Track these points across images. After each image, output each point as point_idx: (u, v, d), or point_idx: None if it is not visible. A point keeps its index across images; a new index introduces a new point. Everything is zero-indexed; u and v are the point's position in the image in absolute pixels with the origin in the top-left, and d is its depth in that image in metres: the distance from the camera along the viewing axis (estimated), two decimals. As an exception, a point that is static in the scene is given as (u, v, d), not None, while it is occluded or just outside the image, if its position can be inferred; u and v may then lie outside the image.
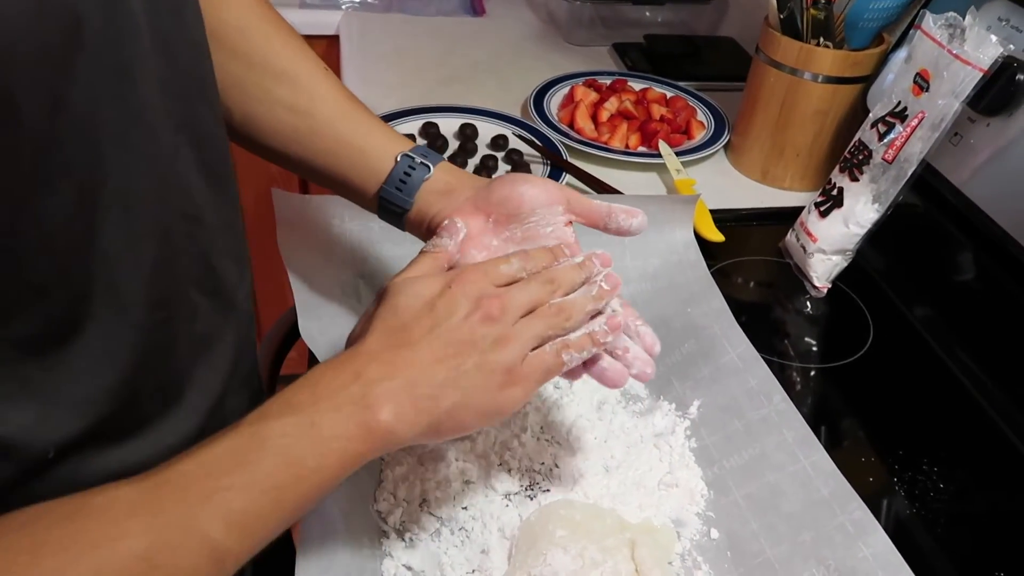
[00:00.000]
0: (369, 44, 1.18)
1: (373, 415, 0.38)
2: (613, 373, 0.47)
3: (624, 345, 0.48)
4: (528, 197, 0.49)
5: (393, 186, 0.52)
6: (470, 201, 0.51)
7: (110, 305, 0.36)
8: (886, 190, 0.70)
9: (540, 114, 0.96)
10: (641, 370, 0.48)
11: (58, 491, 0.39)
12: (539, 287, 0.45)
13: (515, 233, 0.50)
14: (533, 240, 0.50)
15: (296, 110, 0.52)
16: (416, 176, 0.52)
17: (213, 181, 0.46)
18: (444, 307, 0.42)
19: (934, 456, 0.59)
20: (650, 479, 0.55)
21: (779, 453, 0.54)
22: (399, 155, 0.52)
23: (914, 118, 0.67)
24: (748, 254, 0.81)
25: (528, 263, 0.46)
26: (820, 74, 0.83)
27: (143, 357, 0.39)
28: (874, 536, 0.47)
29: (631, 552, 0.49)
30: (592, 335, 0.45)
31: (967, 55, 0.62)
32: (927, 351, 0.70)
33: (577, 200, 0.51)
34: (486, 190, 0.51)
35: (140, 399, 0.41)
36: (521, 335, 0.43)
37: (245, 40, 0.52)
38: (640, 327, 0.49)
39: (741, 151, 0.94)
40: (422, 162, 0.52)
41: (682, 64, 1.16)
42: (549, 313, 0.44)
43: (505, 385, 0.42)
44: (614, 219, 0.50)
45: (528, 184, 0.50)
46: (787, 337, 0.72)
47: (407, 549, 0.50)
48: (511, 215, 0.50)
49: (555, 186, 0.51)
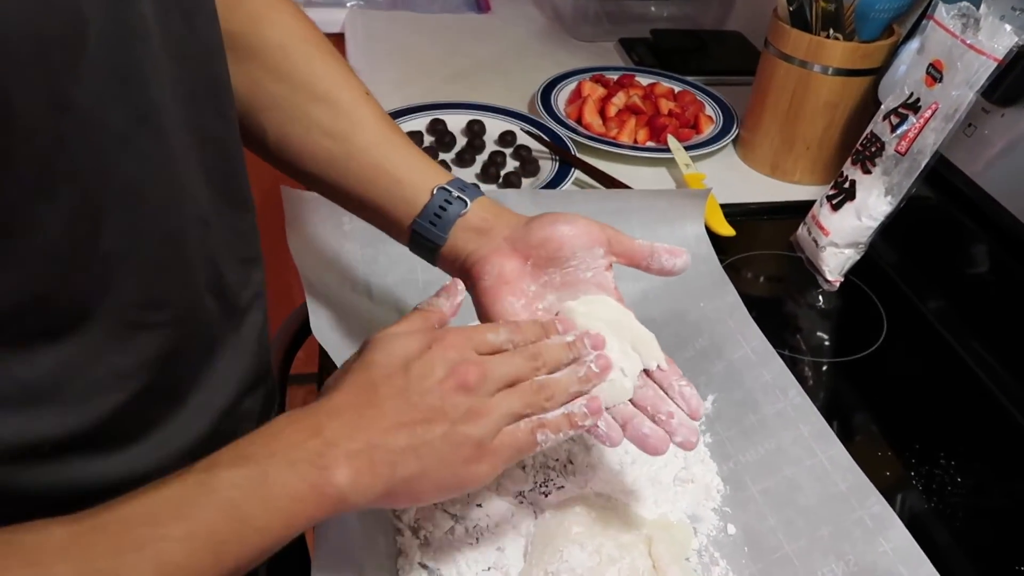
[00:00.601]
0: (374, 41, 1.17)
1: (327, 477, 0.36)
2: (656, 441, 0.45)
3: (668, 411, 0.46)
4: (568, 238, 0.48)
5: (427, 220, 0.50)
6: (508, 241, 0.49)
7: (111, 305, 0.36)
8: (899, 182, 0.69)
9: (548, 110, 0.96)
10: (686, 439, 0.45)
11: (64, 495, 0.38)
12: (523, 361, 0.42)
13: (554, 278, 0.49)
14: (572, 286, 0.49)
15: (334, 135, 0.51)
16: (452, 211, 0.50)
17: (223, 185, 0.45)
18: (419, 369, 0.40)
19: (951, 450, 0.59)
20: (665, 475, 0.55)
21: (795, 447, 0.53)
22: (436, 188, 0.50)
23: (927, 109, 0.66)
24: (759, 248, 0.81)
25: (516, 335, 0.44)
26: (830, 66, 0.82)
27: (145, 358, 0.39)
28: (894, 530, 0.47)
29: (648, 548, 0.48)
30: (570, 416, 0.43)
31: (981, 45, 0.62)
32: (942, 344, 0.69)
33: (618, 241, 0.49)
34: (524, 229, 0.49)
35: (144, 401, 0.40)
36: (496, 409, 0.40)
37: (287, 59, 0.50)
38: (684, 388, 0.47)
39: (750, 145, 0.93)
40: (459, 196, 0.50)
41: (689, 58, 1.15)
42: (529, 390, 0.42)
43: (471, 460, 0.40)
44: (657, 259, 0.49)
45: (569, 225, 0.48)
46: (799, 332, 0.72)
47: (422, 547, 0.50)
48: (551, 258, 0.48)
49: (596, 226, 0.49)
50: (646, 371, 0.47)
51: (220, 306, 0.46)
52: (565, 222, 0.48)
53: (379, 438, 0.38)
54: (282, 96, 0.49)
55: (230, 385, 0.49)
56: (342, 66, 0.53)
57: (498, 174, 0.85)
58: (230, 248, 0.47)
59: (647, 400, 0.46)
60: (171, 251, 0.40)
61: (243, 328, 0.50)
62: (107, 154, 0.33)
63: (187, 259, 0.41)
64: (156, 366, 0.40)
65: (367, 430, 0.38)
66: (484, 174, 0.85)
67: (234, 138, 0.46)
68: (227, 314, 0.47)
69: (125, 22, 0.33)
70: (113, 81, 0.33)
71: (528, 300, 0.48)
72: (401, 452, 0.38)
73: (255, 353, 0.52)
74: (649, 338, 0.48)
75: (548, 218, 0.49)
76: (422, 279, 0.66)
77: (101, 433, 0.38)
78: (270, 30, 0.49)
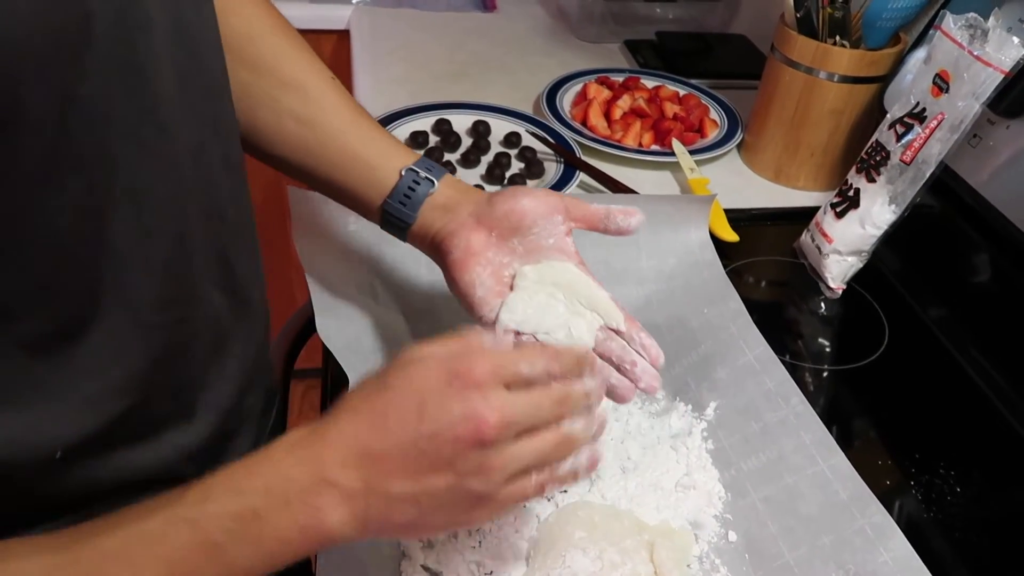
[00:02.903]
0: (380, 39, 1.17)
1: (320, 519, 0.35)
2: (623, 389, 0.49)
3: (632, 360, 0.49)
4: (529, 209, 0.50)
5: (397, 200, 0.52)
6: (473, 216, 0.51)
7: (119, 304, 0.36)
8: (903, 191, 0.69)
9: (553, 111, 0.96)
10: (649, 384, 0.49)
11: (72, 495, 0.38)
12: (550, 409, 0.39)
13: (517, 247, 0.51)
14: (536, 253, 0.51)
15: (303, 120, 0.53)
16: (420, 191, 0.52)
17: (236, 177, 0.45)
18: (434, 409, 0.36)
19: (951, 459, 0.59)
20: (667, 481, 0.55)
21: (797, 456, 0.53)
22: (404, 169, 0.52)
23: (933, 119, 0.66)
24: (762, 254, 0.81)
25: (554, 366, 0.40)
26: (836, 73, 0.82)
27: (154, 356, 0.39)
28: (894, 540, 0.47)
29: (650, 554, 0.49)
30: (576, 473, 0.41)
31: (988, 56, 0.62)
32: (943, 353, 0.70)
33: (575, 206, 0.51)
34: (488, 205, 0.51)
35: (152, 400, 0.40)
36: (509, 465, 0.37)
37: (254, 47, 0.52)
38: (644, 339, 0.50)
39: (755, 150, 0.93)
40: (426, 177, 0.52)
41: (694, 61, 1.15)
42: (550, 445, 0.39)
43: (472, 508, 0.38)
44: (613, 220, 0.51)
45: (528, 197, 0.50)
46: (801, 338, 0.72)
47: (424, 550, 0.50)
48: (514, 228, 0.50)
49: (554, 196, 0.51)
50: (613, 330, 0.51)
51: (230, 302, 0.46)
52: (525, 195, 0.51)
53: (379, 482, 0.36)
54: (250, 83, 0.50)
55: (235, 383, 0.49)
56: (309, 54, 0.55)
57: (503, 176, 0.85)
58: (240, 242, 0.47)
59: (612, 352, 0.50)
60: (180, 249, 0.39)
61: (252, 324, 0.50)
62: (113, 148, 0.33)
63: (197, 256, 0.41)
64: (167, 365, 0.40)
65: (369, 470, 0.36)
66: (489, 175, 0.85)
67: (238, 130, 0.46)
68: (237, 310, 0.47)
69: (129, 16, 0.33)
70: (118, 75, 0.33)
71: (494, 269, 0.51)
72: (400, 500, 0.36)
73: (261, 350, 0.53)
74: (606, 299, 0.51)
75: (509, 192, 0.51)
76: (427, 280, 0.66)
77: (112, 433, 0.38)
78: (236, 19, 0.49)
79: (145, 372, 0.39)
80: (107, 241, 0.34)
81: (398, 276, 0.66)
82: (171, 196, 0.38)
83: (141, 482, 0.41)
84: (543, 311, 0.50)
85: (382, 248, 0.66)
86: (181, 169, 0.39)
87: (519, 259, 0.51)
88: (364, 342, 0.60)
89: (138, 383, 0.39)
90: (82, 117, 0.31)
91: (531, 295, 0.50)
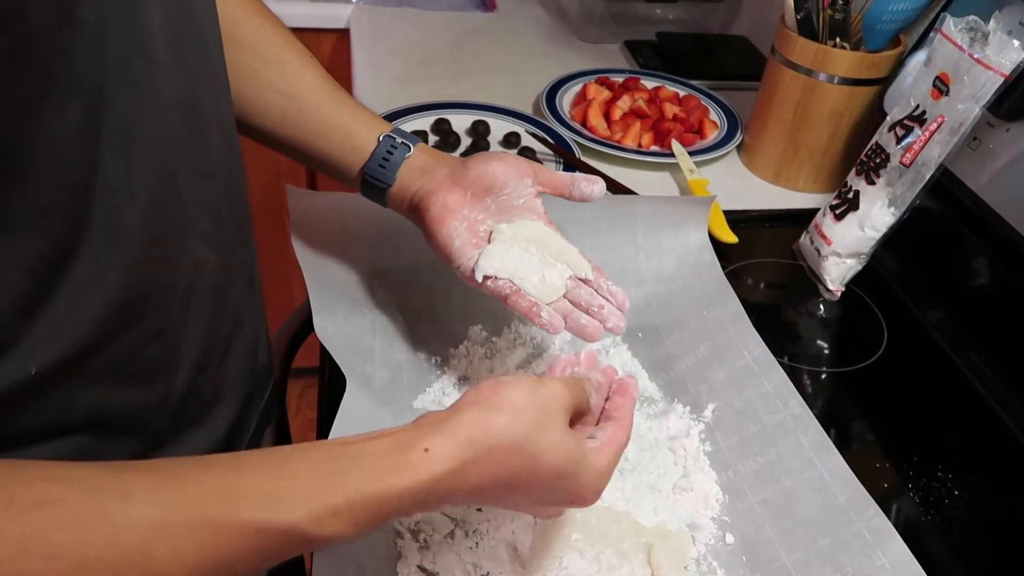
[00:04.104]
0: (380, 38, 1.17)
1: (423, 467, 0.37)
2: (592, 329, 0.54)
3: (600, 304, 0.55)
4: (500, 172, 0.55)
5: (376, 163, 0.56)
6: (448, 177, 0.55)
7: (106, 232, 0.37)
8: (903, 194, 0.69)
9: (553, 111, 0.96)
10: (615, 324, 0.54)
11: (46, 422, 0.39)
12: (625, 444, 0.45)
13: (490, 206, 0.55)
14: (507, 212, 0.56)
15: (284, 93, 0.56)
16: (398, 155, 0.56)
17: (228, 141, 0.47)
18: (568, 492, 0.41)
19: (949, 462, 0.59)
20: (665, 482, 0.55)
21: (795, 458, 0.53)
22: (381, 135, 0.56)
23: (933, 122, 0.66)
24: (761, 256, 0.81)
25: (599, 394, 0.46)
26: (836, 75, 0.82)
27: (134, 291, 0.40)
28: (892, 544, 0.47)
29: (647, 556, 0.49)
30: None
31: (989, 59, 0.62)
32: (942, 356, 0.70)
33: (543, 172, 0.56)
34: (462, 167, 0.55)
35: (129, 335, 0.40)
36: None
37: (237, 28, 0.55)
38: (611, 287, 0.56)
39: (754, 151, 0.93)
40: (403, 142, 0.56)
41: (694, 62, 1.15)
42: None
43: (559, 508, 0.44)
44: (577, 187, 0.56)
45: (499, 161, 0.55)
46: (799, 340, 0.72)
47: (421, 550, 0.50)
48: (487, 188, 0.55)
49: (523, 161, 0.56)
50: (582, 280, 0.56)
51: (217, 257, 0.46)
52: (496, 159, 0.55)
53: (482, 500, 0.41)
54: (235, 60, 0.52)
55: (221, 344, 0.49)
56: (287, 35, 0.58)
57: (502, 175, 0.85)
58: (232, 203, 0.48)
59: (581, 298, 0.55)
60: (167, 190, 0.41)
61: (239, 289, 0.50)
62: (107, 77, 0.35)
63: (184, 203, 0.42)
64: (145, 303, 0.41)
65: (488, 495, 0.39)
66: (488, 175, 0.85)
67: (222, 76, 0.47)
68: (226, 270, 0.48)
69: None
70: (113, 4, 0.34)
71: (470, 224, 0.55)
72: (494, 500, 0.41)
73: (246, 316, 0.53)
74: (574, 252, 0.56)
75: (481, 156, 0.56)
76: (425, 280, 0.66)
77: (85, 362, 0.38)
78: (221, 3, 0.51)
79: (124, 305, 0.39)
80: (99, 170, 0.35)
81: (396, 276, 0.66)
82: (159, 140, 0.39)
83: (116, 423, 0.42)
84: (518, 261, 0.54)
85: (381, 247, 0.66)
86: (170, 118, 0.40)
87: (492, 217, 0.55)
88: (362, 342, 0.60)
89: (116, 314, 0.39)
90: (80, 37, 0.33)
91: (507, 247, 0.54)
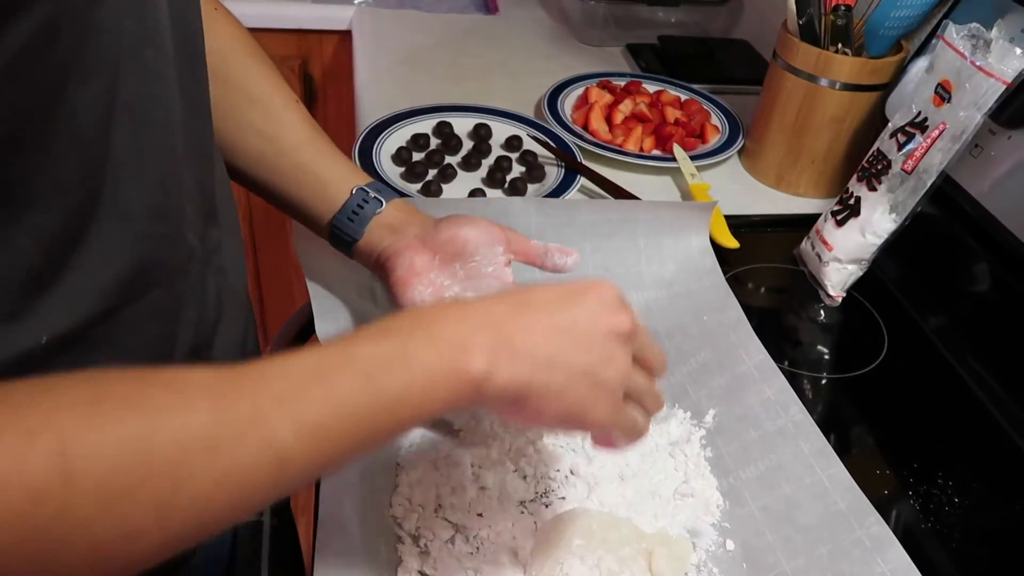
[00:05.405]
0: (381, 40, 1.17)
1: (466, 362, 0.36)
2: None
3: None
4: (472, 238, 0.54)
5: (346, 216, 0.55)
6: (418, 238, 0.54)
7: (116, 208, 0.38)
8: (904, 200, 0.69)
9: (554, 115, 0.96)
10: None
11: None
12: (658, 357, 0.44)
13: (458, 271, 0.54)
14: (475, 279, 0.54)
15: (264, 135, 0.56)
16: (368, 209, 0.55)
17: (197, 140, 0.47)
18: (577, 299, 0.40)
19: (949, 469, 0.59)
20: (665, 488, 0.55)
21: (796, 465, 0.53)
22: (355, 188, 0.56)
23: (935, 129, 0.66)
24: (762, 261, 0.81)
25: None
26: (838, 81, 0.82)
27: (139, 266, 0.40)
28: (892, 551, 0.47)
29: (648, 562, 0.49)
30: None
31: (991, 67, 0.62)
32: (942, 363, 0.70)
33: (516, 240, 0.55)
34: (433, 229, 0.54)
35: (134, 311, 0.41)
36: (631, 374, 0.41)
37: (225, 64, 0.55)
38: None
39: (756, 156, 0.93)
40: (376, 196, 0.56)
41: (696, 66, 1.15)
42: (653, 387, 0.44)
43: (597, 399, 0.40)
44: (550, 258, 0.55)
45: (471, 226, 0.54)
46: (800, 346, 0.72)
47: (422, 555, 0.50)
48: (456, 254, 0.54)
49: (496, 227, 0.55)
50: None
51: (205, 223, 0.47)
52: (468, 224, 0.54)
53: (524, 341, 0.37)
54: (219, 96, 0.52)
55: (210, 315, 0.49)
56: (275, 74, 0.58)
57: (504, 179, 0.85)
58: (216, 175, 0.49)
59: None
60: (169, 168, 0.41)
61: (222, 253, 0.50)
62: (121, 59, 0.35)
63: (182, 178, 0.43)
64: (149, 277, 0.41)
65: (513, 331, 0.37)
66: (490, 179, 0.85)
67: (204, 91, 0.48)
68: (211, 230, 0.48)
69: None
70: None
71: (435, 289, 0.54)
72: (543, 360, 0.38)
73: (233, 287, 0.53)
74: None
75: (454, 219, 0.55)
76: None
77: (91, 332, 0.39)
78: (212, 38, 0.51)
79: (129, 280, 0.40)
80: (111, 148, 0.36)
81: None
82: (164, 123, 0.40)
83: None
84: None
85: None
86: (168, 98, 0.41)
87: (460, 283, 0.54)
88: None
89: (122, 288, 0.40)
90: (106, 20, 0.33)
91: None
